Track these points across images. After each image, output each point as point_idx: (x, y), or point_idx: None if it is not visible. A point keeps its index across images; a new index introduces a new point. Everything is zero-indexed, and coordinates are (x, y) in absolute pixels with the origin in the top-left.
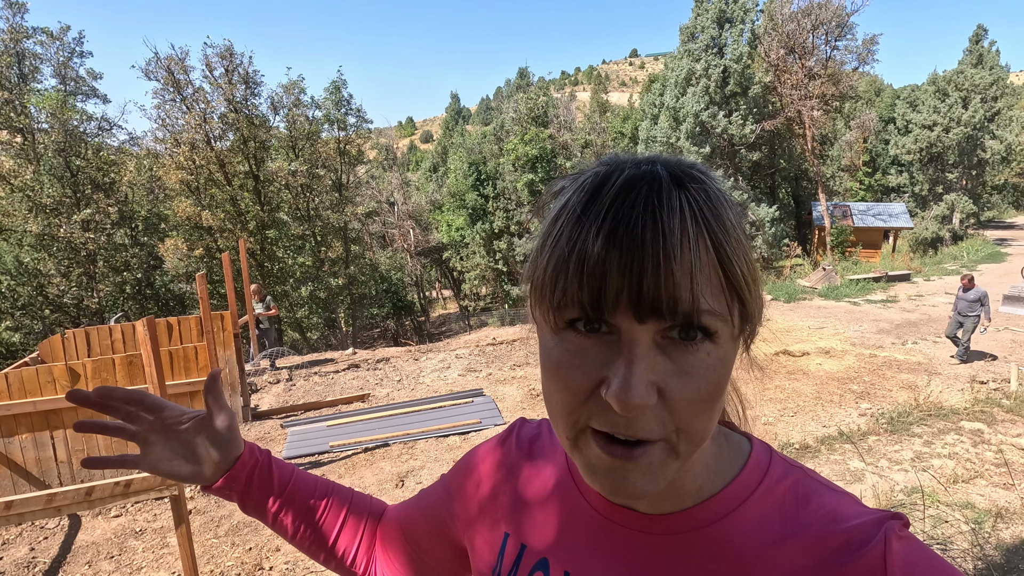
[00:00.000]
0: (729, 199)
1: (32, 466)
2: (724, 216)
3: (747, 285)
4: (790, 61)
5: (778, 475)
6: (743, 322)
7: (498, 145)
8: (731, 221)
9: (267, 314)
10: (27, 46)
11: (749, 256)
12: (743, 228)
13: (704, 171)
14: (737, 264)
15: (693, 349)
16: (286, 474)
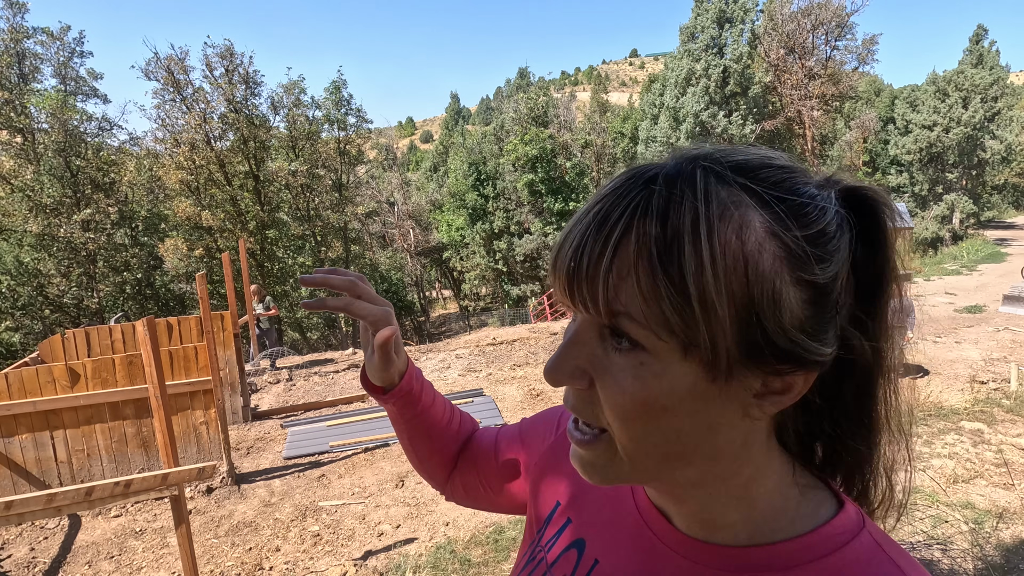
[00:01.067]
0: (736, 212)
1: (32, 466)
2: (694, 227)
3: (703, 306)
4: (790, 61)
5: (858, 558)
6: (691, 344)
7: (498, 145)
8: (709, 235)
9: (267, 314)
10: (27, 46)
11: (725, 279)
12: (738, 248)
13: (728, 177)
14: (693, 282)
15: (623, 352)
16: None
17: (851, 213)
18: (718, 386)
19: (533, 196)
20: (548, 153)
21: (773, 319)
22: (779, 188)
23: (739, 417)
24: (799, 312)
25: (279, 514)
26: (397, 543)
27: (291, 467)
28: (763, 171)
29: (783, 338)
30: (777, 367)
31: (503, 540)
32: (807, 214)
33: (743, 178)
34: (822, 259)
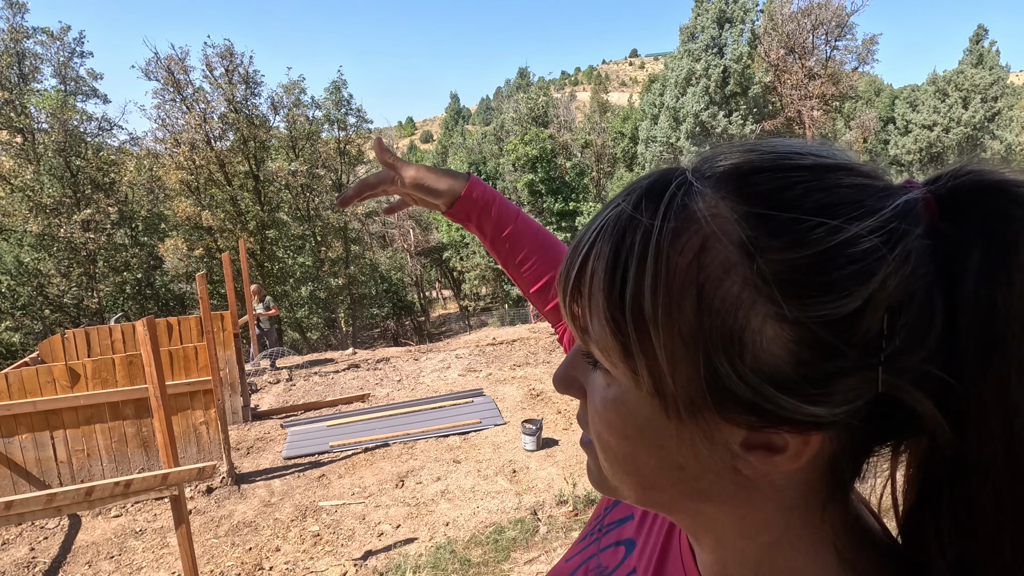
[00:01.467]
0: (704, 229)
1: (32, 466)
2: (643, 247)
3: (639, 335)
4: (790, 61)
5: None
6: (636, 374)
7: (498, 145)
8: (656, 256)
9: (267, 314)
10: (27, 46)
11: (666, 306)
12: (691, 271)
13: (710, 186)
14: (630, 308)
15: (598, 370)
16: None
17: (961, 224)
18: (677, 425)
19: (533, 196)
20: (548, 153)
21: (727, 360)
22: (775, 198)
23: (724, 467)
24: (778, 355)
25: (279, 514)
26: (397, 543)
27: (291, 467)
28: (763, 176)
29: (740, 385)
30: (746, 419)
31: (503, 540)
32: (805, 231)
33: (731, 186)
34: (825, 290)
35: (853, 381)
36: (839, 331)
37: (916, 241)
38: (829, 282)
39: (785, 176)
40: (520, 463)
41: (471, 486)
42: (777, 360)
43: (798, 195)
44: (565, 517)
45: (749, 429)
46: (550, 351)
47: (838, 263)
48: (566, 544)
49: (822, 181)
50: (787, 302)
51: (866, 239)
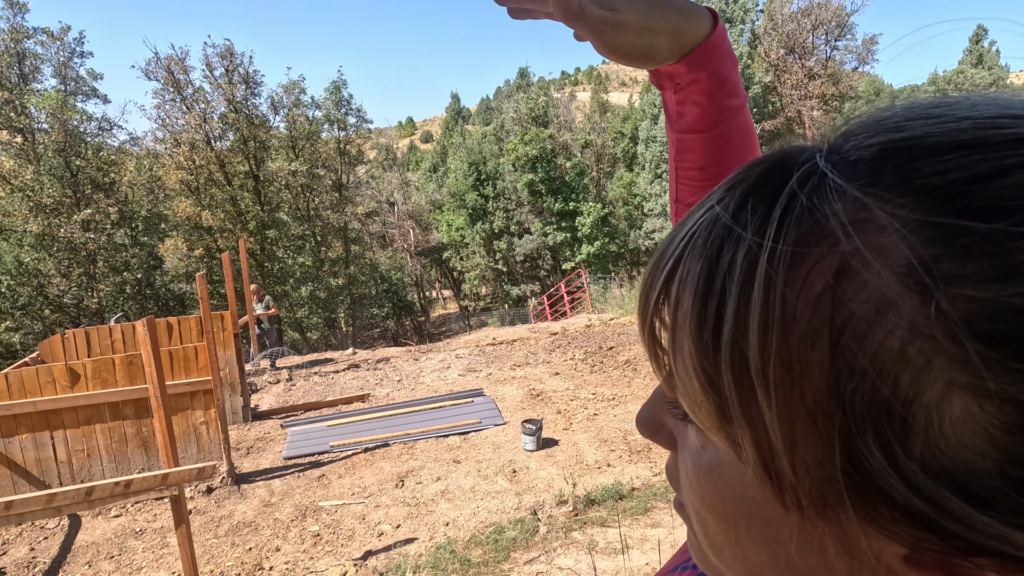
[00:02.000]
0: (840, 246)
1: (32, 466)
2: (749, 270)
3: (740, 394)
4: (790, 61)
5: None
6: (736, 444)
7: (498, 145)
8: (766, 285)
9: (267, 314)
10: (27, 46)
11: (782, 358)
12: (823, 310)
13: (861, 176)
14: (727, 355)
15: (689, 423)
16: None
17: None
18: (799, 520)
19: (533, 196)
20: (548, 153)
21: (880, 447)
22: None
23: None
24: (972, 447)
25: (279, 514)
26: (397, 543)
27: (291, 467)
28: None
29: (901, 487)
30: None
31: (503, 540)
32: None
33: (891, 177)
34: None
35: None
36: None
37: None
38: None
39: (986, 158)
40: (520, 463)
41: (471, 486)
42: (969, 454)
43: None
44: (565, 517)
45: (914, 549)
46: (550, 351)
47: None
48: (566, 544)
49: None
50: (990, 366)
51: None
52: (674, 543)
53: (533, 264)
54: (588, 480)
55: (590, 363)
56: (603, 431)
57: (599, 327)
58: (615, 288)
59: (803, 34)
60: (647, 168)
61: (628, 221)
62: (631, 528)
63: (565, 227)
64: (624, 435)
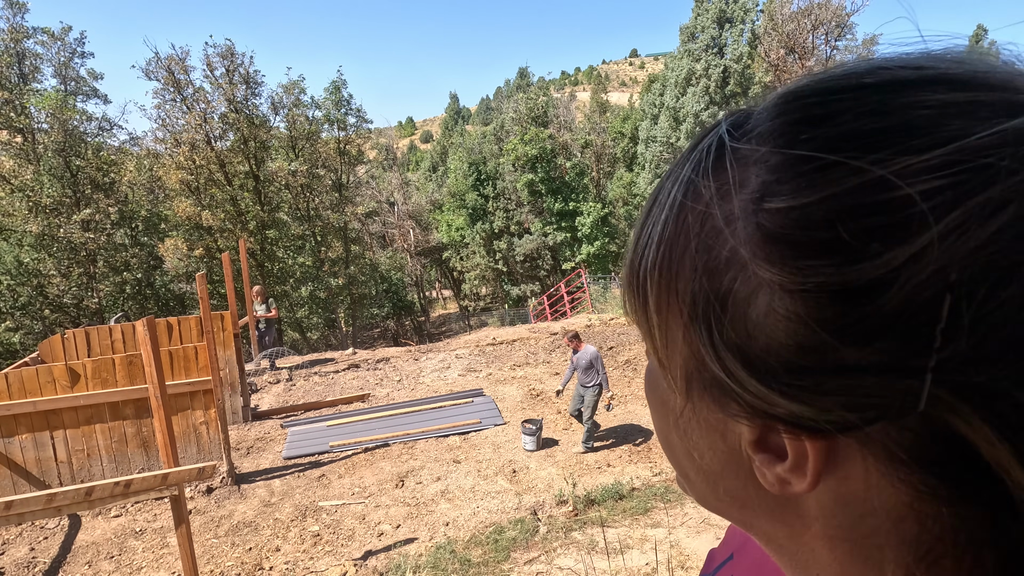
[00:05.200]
0: (719, 178)
1: (32, 466)
2: (654, 202)
3: (632, 294)
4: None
5: None
6: (652, 344)
7: (498, 145)
8: (661, 209)
9: (267, 315)
10: (28, 46)
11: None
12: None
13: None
14: (629, 263)
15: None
16: None
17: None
18: (689, 408)
19: (533, 196)
20: (548, 153)
21: (709, 331)
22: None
23: (746, 471)
24: (770, 333)
25: (279, 514)
26: (397, 543)
27: (291, 467)
28: (807, 103)
29: (714, 361)
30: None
31: (503, 540)
32: (820, 169)
33: (774, 121)
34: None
35: (873, 385)
36: (848, 309)
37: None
38: (836, 239)
39: (837, 99)
40: (520, 463)
41: (471, 486)
42: (769, 341)
43: (838, 124)
44: (565, 517)
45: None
46: (550, 351)
47: (855, 213)
48: (566, 544)
49: (884, 99)
50: (782, 264)
51: (918, 179)
52: (674, 543)
53: (533, 264)
54: (588, 480)
55: None
56: (603, 432)
57: (599, 327)
58: (615, 288)
59: (803, 34)
60: (647, 168)
61: (628, 221)
62: (631, 528)
63: (565, 227)
64: (624, 435)
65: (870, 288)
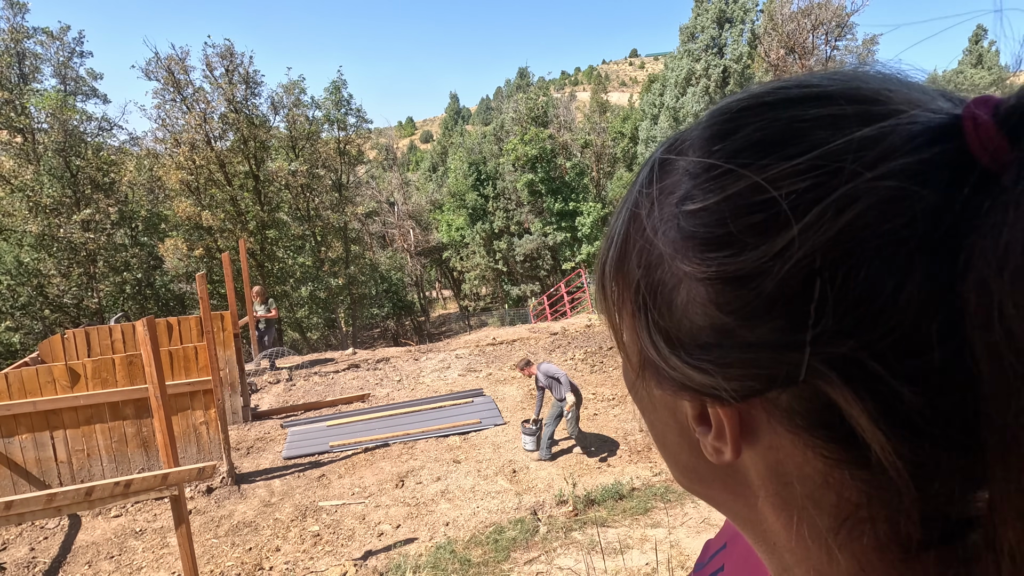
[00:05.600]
0: (659, 187)
1: (32, 466)
2: (619, 210)
3: (599, 287)
4: (790, 61)
5: None
6: (614, 332)
7: (498, 145)
8: (622, 216)
9: (267, 316)
10: (27, 46)
11: (616, 261)
12: (638, 229)
13: (695, 140)
14: (598, 261)
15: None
16: None
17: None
18: (644, 389)
19: (533, 196)
20: (548, 153)
21: (646, 318)
22: (717, 144)
23: (695, 447)
24: (692, 318)
25: (279, 514)
26: (397, 543)
27: (291, 467)
28: (721, 119)
29: (650, 345)
30: (678, 392)
31: (503, 540)
32: (716, 176)
33: (702, 136)
34: (722, 244)
35: (767, 358)
36: (740, 293)
37: (873, 182)
38: (727, 235)
39: (742, 115)
40: (520, 463)
41: (471, 486)
42: (690, 324)
43: (738, 137)
44: (565, 517)
45: (682, 398)
46: (550, 351)
47: (740, 212)
48: (566, 544)
49: (774, 115)
50: (692, 257)
51: (784, 182)
52: (674, 543)
53: (533, 264)
54: (588, 480)
55: (590, 363)
56: (603, 431)
57: (599, 327)
58: None
59: (803, 34)
60: None
61: None
62: (631, 528)
63: (565, 227)
64: (624, 435)
65: (754, 275)
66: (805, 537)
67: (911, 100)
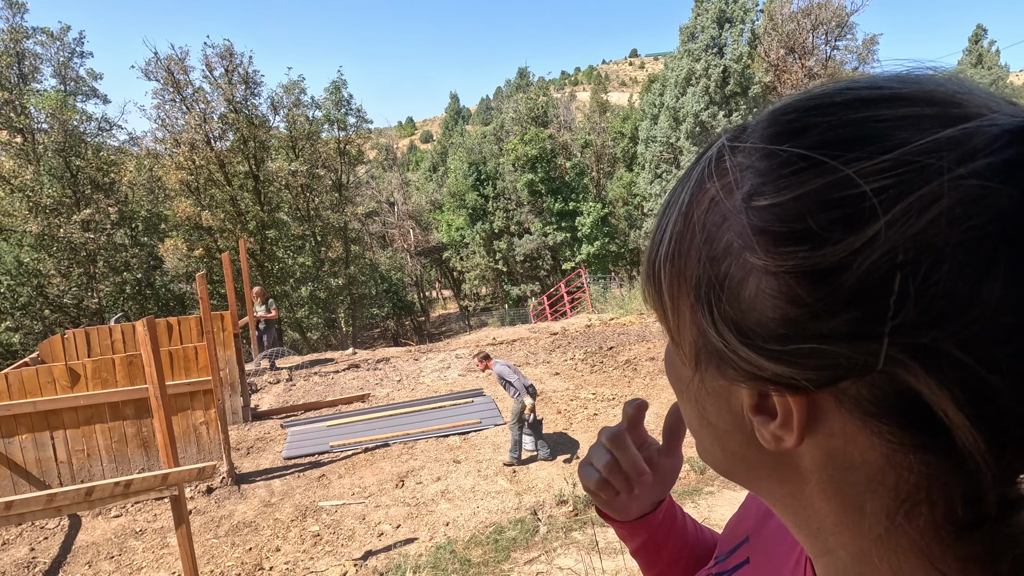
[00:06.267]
0: (721, 181)
1: (32, 466)
2: (671, 202)
3: (649, 282)
4: (790, 61)
5: None
6: (667, 326)
7: (498, 145)
8: (677, 208)
9: (267, 317)
10: (27, 46)
11: (673, 254)
12: (697, 222)
13: (751, 138)
14: (647, 256)
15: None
16: (678, 527)
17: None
18: (699, 380)
19: (533, 196)
20: (548, 153)
21: (710, 310)
22: (789, 141)
23: (748, 433)
24: (760, 310)
25: (279, 514)
26: (397, 543)
27: (291, 467)
28: (789, 117)
29: (714, 336)
30: (731, 374)
31: (503, 540)
32: (793, 172)
33: (765, 132)
34: (801, 239)
35: (843, 348)
36: (818, 286)
37: (957, 181)
38: (806, 229)
39: (810, 114)
40: (520, 463)
41: (471, 486)
42: (760, 315)
43: (812, 135)
44: (565, 517)
45: (743, 386)
46: (550, 351)
47: (821, 207)
48: (566, 544)
49: (847, 115)
50: (765, 251)
51: (871, 179)
52: None
53: (533, 264)
54: None
55: (590, 363)
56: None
57: (599, 327)
58: (615, 288)
59: (803, 34)
60: (647, 168)
61: (628, 221)
62: None
63: (565, 227)
64: None
65: (834, 269)
66: (856, 520)
67: (985, 105)
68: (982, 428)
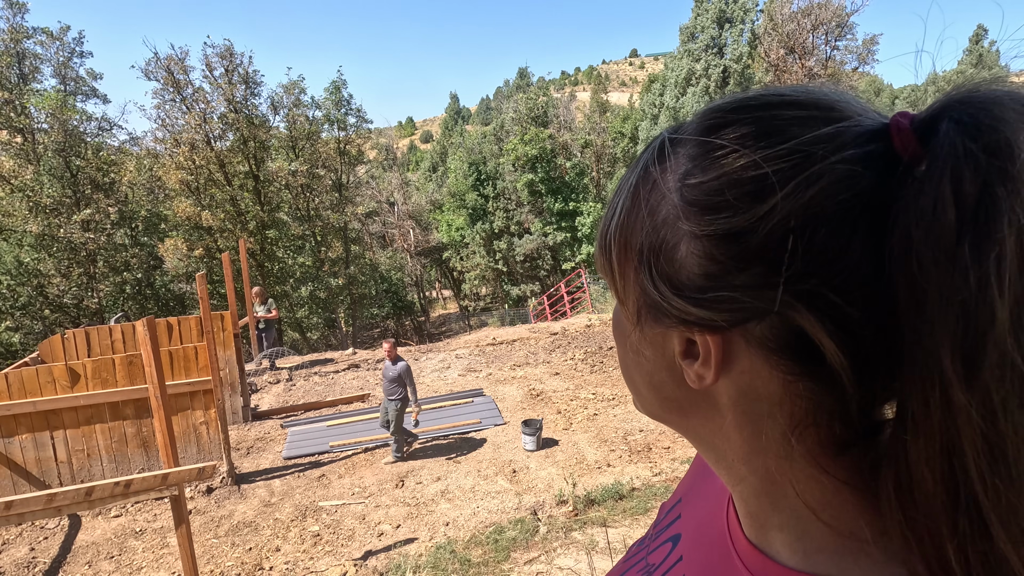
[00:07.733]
0: (662, 166)
1: (32, 466)
2: (621, 185)
3: (602, 251)
4: (790, 61)
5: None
6: (615, 288)
7: (498, 145)
8: (625, 190)
9: (267, 316)
10: (27, 46)
11: (622, 227)
12: (642, 200)
13: (688, 133)
14: (600, 230)
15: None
16: None
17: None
18: (639, 332)
19: (533, 196)
20: (548, 153)
21: (649, 270)
22: (714, 134)
23: (677, 376)
24: (689, 268)
25: (279, 514)
26: (397, 543)
27: (291, 467)
28: (716, 115)
29: (653, 290)
30: (663, 322)
31: (503, 540)
32: (715, 158)
33: (700, 126)
34: (719, 209)
35: (749, 296)
36: (731, 246)
37: (832, 166)
38: (724, 201)
39: (731, 114)
40: (520, 463)
41: (471, 486)
42: (688, 272)
43: (731, 130)
44: (565, 517)
45: (668, 330)
46: (550, 351)
47: (735, 184)
48: (566, 544)
49: (758, 115)
50: (693, 219)
51: (771, 163)
52: None
53: (533, 264)
54: (588, 480)
55: (590, 363)
56: (603, 431)
57: (599, 327)
58: None
59: (803, 34)
60: None
61: None
62: (631, 528)
63: (565, 227)
64: (624, 435)
65: (743, 232)
66: (764, 446)
67: (857, 111)
68: (845, 349)
